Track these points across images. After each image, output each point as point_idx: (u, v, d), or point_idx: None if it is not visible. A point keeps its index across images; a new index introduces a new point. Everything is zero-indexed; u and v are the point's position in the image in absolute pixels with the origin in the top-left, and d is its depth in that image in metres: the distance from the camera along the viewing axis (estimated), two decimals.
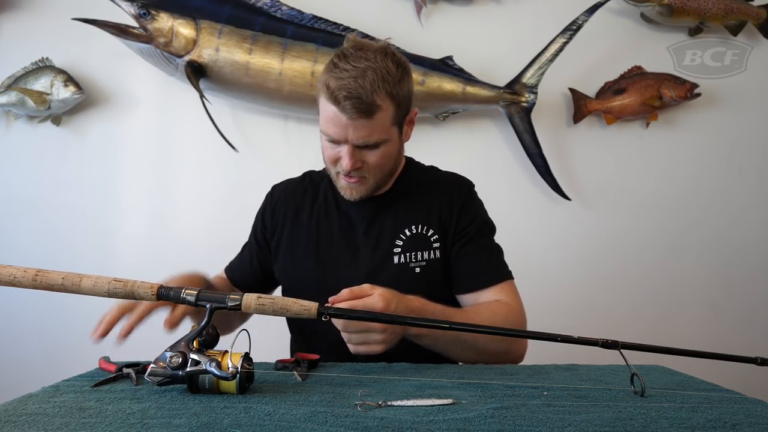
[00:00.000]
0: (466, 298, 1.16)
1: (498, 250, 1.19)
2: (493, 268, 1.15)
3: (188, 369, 0.71)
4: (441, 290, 1.16)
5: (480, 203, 1.22)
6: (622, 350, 0.78)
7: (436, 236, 1.15)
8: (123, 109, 2.13)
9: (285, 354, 1.26)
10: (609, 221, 2.19)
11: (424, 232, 1.15)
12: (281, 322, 1.26)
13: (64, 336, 2.11)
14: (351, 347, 0.90)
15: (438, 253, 1.15)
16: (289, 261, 1.21)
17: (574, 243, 2.18)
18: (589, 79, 2.15)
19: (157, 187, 2.14)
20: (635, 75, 2.12)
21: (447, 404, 0.70)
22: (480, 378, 0.86)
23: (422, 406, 0.69)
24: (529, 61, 2.06)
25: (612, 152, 2.19)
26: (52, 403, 0.70)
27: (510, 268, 1.18)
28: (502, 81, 2.07)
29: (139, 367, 0.84)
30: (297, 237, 1.21)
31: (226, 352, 0.73)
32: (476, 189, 1.24)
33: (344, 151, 1.06)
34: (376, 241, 1.16)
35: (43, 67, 2.05)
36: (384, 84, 1.01)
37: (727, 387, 0.83)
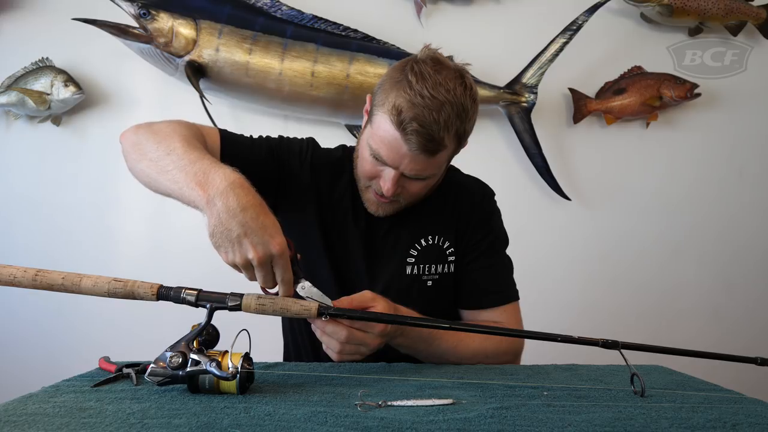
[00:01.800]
0: (466, 313, 1.14)
1: (508, 267, 1.16)
2: (499, 288, 1.13)
3: (188, 369, 0.71)
4: (450, 305, 1.15)
5: (498, 215, 1.18)
6: (622, 350, 0.78)
7: (452, 249, 1.12)
8: (123, 109, 2.13)
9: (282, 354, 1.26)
10: (609, 221, 2.19)
11: (440, 244, 1.11)
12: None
13: (64, 336, 2.11)
14: (335, 355, 0.86)
15: (452, 267, 1.12)
16: (315, 236, 1.11)
17: (574, 243, 2.18)
18: (589, 79, 2.15)
19: None
20: (635, 75, 2.12)
21: (447, 404, 0.70)
22: (480, 378, 0.86)
23: (422, 406, 0.69)
24: (529, 61, 2.06)
25: (612, 152, 2.19)
26: (52, 403, 0.70)
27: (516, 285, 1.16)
28: (502, 81, 2.07)
29: (139, 367, 0.84)
30: (327, 206, 1.12)
31: (226, 352, 0.73)
32: None
33: (388, 175, 0.98)
34: (392, 247, 1.11)
35: (43, 67, 2.05)
36: (456, 121, 0.94)
37: (727, 387, 0.83)
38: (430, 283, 1.11)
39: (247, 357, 0.73)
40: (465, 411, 0.67)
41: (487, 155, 2.15)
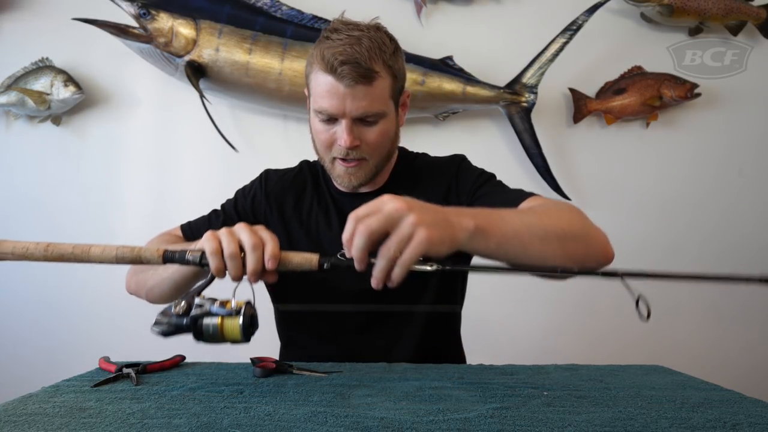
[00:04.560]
0: None
1: (504, 185, 1.13)
2: (514, 192, 1.07)
3: (192, 313, 0.71)
4: (445, 277, 1.13)
5: (477, 167, 1.18)
6: (624, 278, 0.73)
7: None
8: (123, 109, 2.13)
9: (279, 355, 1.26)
10: (609, 221, 2.16)
11: None
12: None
13: (64, 336, 2.11)
14: (378, 276, 0.70)
15: None
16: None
17: None
18: (589, 79, 2.15)
19: (157, 187, 2.14)
20: (635, 75, 2.12)
21: (446, 406, 0.70)
22: (480, 378, 0.86)
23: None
24: (529, 61, 2.06)
25: (612, 152, 2.19)
26: (52, 403, 0.70)
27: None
28: (502, 81, 2.07)
29: (139, 367, 0.84)
30: (297, 229, 1.15)
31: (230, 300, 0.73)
32: None
33: (341, 127, 0.99)
34: None
35: (43, 67, 2.05)
36: (381, 53, 0.98)
37: (727, 387, 0.84)
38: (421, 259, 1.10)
39: (249, 305, 0.73)
40: (465, 411, 0.68)
41: (487, 155, 2.14)
